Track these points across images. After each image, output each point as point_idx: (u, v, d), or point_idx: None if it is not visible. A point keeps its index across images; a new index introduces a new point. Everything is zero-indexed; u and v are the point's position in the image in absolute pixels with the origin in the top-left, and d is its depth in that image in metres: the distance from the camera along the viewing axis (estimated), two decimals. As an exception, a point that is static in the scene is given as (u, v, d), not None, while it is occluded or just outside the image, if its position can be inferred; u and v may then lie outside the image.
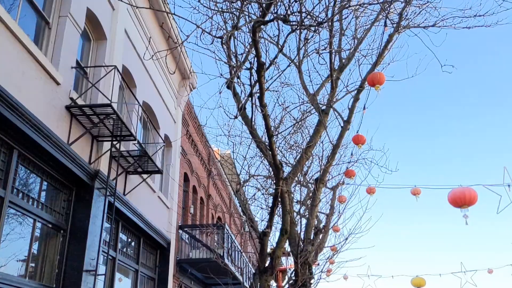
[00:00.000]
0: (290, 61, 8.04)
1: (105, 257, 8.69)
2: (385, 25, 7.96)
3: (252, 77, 6.57)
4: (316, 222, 9.93)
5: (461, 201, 7.23)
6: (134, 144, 9.95)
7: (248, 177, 9.01)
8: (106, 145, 8.47)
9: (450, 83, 72.65)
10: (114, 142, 8.49)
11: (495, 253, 53.81)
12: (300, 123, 9.76)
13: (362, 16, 9.38)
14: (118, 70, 8.08)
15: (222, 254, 13.33)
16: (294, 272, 8.23)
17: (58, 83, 6.93)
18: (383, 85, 7.20)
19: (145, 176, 10.40)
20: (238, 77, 7.07)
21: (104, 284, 8.23)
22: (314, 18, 4.80)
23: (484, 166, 59.83)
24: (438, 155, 69.69)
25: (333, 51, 8.49)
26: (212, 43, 4.81)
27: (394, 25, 8.58)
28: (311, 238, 9.05)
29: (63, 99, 7.14)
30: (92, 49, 8.71)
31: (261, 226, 9.47)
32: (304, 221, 9.42)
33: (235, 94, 7.52)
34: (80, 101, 7.60)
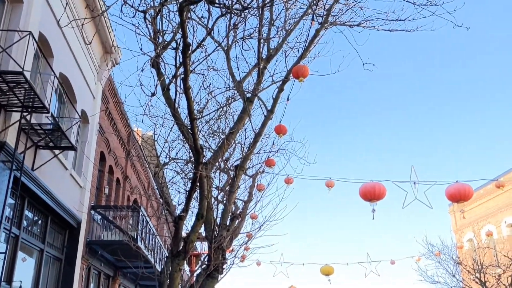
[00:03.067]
0: (217, 45, 7.96)
1: (7, 235, 8.15)
2: (313, 19, 8.11)
3: (177, 58, 6.42)
4: (233, 208, 9.98)
5: (371, 195, 7.61)
6: (47, 117, 9.36)
7: (168, 160, 8.84)
8: (15, 116, 7.91)
9: (372, 80, 76.29)
10: (25, 114, 7.94)
11: (398, 246, 57.74)
12: (224, 108, 9.71)
13: (292, 9, 9.48)
14: (33, 37, 7.55)
15: (135, 237, 13.03)
16: (207, 256, 8.24)
17: (-38, 44, 6.34)
18: (307, 78, 7.37)
19: (57, 152, 9.86)
20: (159, 55, 6.86)
21: (3, 263, 7.72)
22: (240, 3, 4.77)
23: (393, 164, 63.71)
24: (354, 150, 73.03)
25: (262, 39, 8.52)
26: (134, 16, 4.62)
27: (321, 21, 8.77)
28: (227, 224, 9.10)
29: (-32, 62, 6.54)
30: (6, 11, 8.04)
31: (178, 210, 9.35)
32: (221, 207, 9.43)
33: (159, 74, 7.31)
34: (-13, 66, 7.01)
